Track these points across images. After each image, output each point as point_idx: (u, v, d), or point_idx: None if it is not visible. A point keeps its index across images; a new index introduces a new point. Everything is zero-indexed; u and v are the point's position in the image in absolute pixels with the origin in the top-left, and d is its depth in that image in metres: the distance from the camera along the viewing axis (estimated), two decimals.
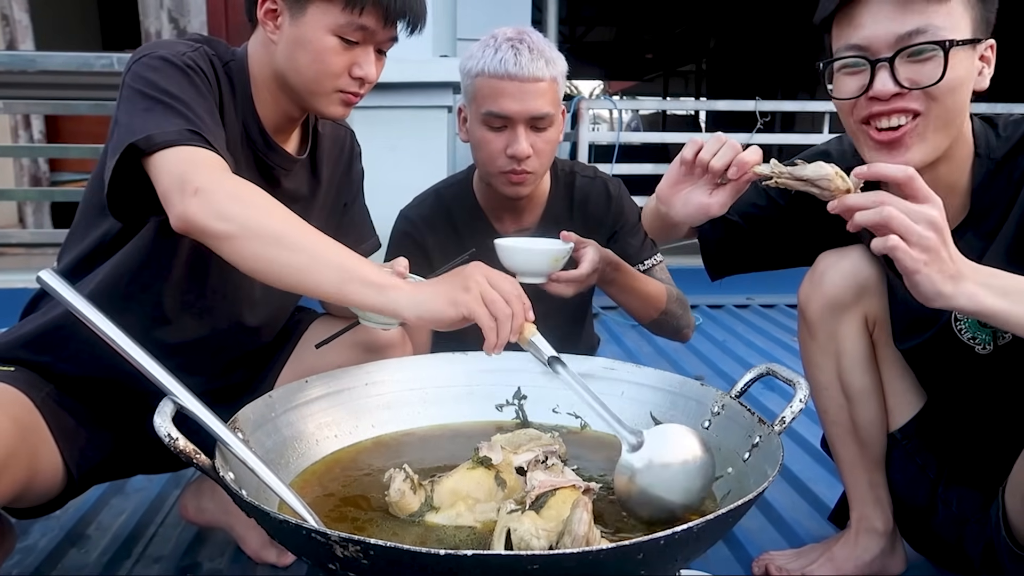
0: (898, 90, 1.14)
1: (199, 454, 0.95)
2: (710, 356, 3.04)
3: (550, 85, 1.64)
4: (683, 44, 14.71)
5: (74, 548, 1.62)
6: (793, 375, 1.19)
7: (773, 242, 1.48)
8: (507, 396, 1.44)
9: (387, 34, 1.31)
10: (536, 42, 1.63)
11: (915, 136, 1.17)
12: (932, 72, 1.13)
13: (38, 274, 1.02)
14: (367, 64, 1.31)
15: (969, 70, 1.16)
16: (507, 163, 1.65)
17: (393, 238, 1.85)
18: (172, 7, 4.38)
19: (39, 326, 1.34)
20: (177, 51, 1.24)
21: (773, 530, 1.74)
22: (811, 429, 2.09)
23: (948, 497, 1.40)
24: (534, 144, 1.65)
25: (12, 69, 3.35)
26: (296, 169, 1.43)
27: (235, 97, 1.33)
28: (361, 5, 1.25)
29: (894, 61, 1.14)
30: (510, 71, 1.60)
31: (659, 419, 1.34)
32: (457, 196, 1.85)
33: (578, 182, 1.85)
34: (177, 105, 1.16)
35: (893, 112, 1.16)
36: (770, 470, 1.02)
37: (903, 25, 1.13)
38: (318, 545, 0.85)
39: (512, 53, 1.60)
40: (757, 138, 4.49)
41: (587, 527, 0.93)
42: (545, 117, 1.64)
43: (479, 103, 1.65)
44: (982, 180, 1.22)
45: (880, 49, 1.15)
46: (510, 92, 1.61)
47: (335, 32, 1.26)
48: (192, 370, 1.18)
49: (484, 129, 1.66)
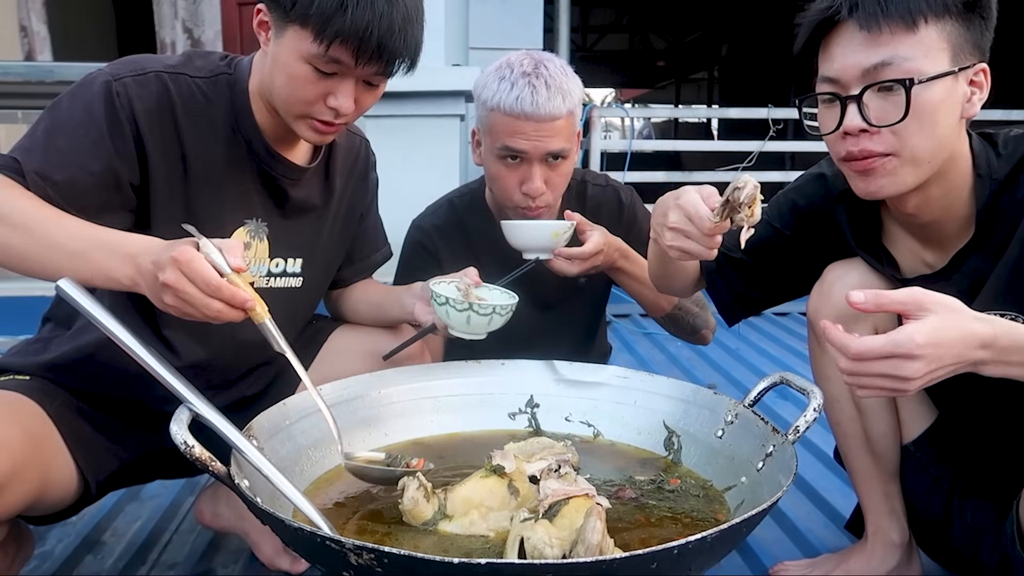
0: (866, 126, 1.14)
1: (214, 461, 0.96)
2: (723, 364, 3.02)
3: (566, 121, 1.61)
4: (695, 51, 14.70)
5: (90, 554, 1.63)
6: (807, 384, 1.19)
7: (784, 273, 1.46)
8: (520, 404, 1.45)
9: (368, 70, 1.22)
10: (553, 75, 1.59)
11: (885, 170, 1.17)
12: (896, 111, 1.12)
13: (57, 283, 1.03)
14: (343, 96, 1.23)
15: (947, 101, 1.13)
16: (522, 199, 1.64)
17: (406, 247, 1.86)
18: (187, 18, 4.43)
19: (68, 353, 1.33)
20: (117, 73, 1.23)
21: (788, 540, 1.72)
22: (825, 438, 2.07)
23: (963, 509, 1.39)
24: (548, 179, 1.63)
25: (31, 79, 3.39)
26: (306, 179, 1.43)
27: (231, 107, 1.32)
28: (328, 40, 1.17)
29: (862, 97, 1.13)
30: (526, 111, 1.56)
31: (672, 428, 1.34)
32: (470, 206, 1.85)
33: (590, 191, 1.85)
34: (46, 134, 1.19)
35: (863, 153, 1.16)
36: (784, 480, 1.02)
37: (869, 57, 1.13)
38: (332, 553, 0.85)
39: (529, 91, 1.56)
40: (770, 145, 4.49)
41: (600, 536, 0.93)
42: (560, 153, 1.62)
43: (494, 137, 1.63)
44: (986, 201, 1.20)
45: (850, 83, 1.15)
46: (525, 131, 1.58)
47: (307, 60, 1.20)
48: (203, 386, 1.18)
49: (499, 164, 1.65)
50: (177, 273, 1.00)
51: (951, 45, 1.12)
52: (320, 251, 1.49)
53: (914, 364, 0.97)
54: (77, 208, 1.16)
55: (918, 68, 1.11)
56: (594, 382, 1.44)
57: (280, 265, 1.43)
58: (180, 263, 1.00)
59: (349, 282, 1.64)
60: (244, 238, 1.37)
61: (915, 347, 0.96)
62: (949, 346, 0.98)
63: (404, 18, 1.20)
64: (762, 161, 4.50)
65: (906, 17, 1.11)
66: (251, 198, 1.37)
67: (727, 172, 4.47)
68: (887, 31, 1.11)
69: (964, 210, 1.22)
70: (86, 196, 1.19)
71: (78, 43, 5.48)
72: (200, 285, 1.00)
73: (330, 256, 1.53)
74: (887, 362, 0.98)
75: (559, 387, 1.45)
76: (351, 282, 1.65)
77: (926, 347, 0.97)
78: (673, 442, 1.34)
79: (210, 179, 1.31)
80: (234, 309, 1.03)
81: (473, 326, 1.36)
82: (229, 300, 1.02)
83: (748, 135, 4.61)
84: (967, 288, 1.21)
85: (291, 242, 1.43)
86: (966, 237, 1.23)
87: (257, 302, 1.06)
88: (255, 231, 1.38)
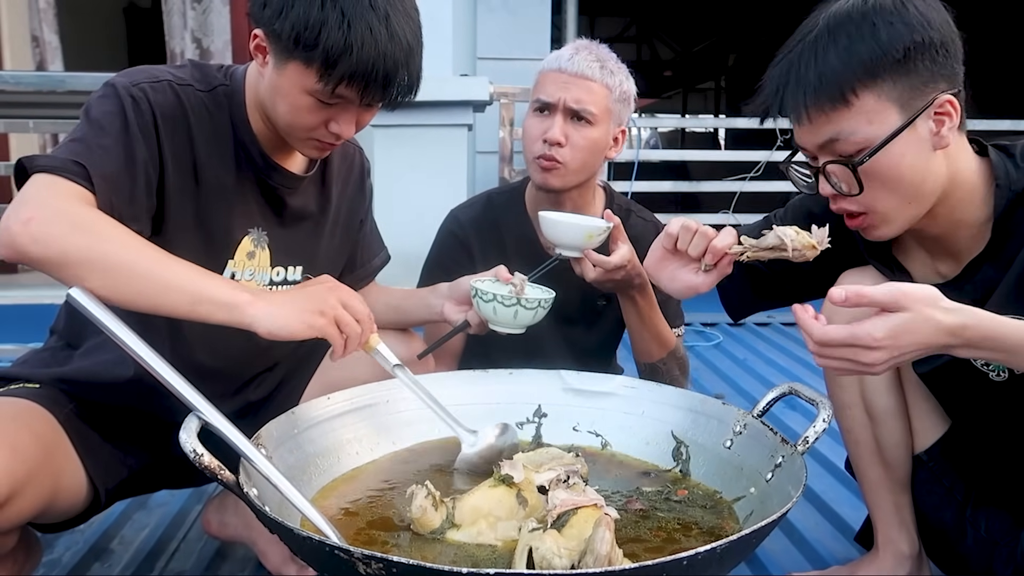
0: (835, 192, 1.18)
1: (223, 470, 0.96)
2: (730, 375, 3.01)
3: (599, 87, 1.68)
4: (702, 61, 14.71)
5: (98, 562, 1.63)
6: (816, 395, 1.18)
7: (792, 277, 1.46)
8: (527, 414, 1.45)
9: (371, 101, 1.25)
10: (601, 53, 1.71)
11: (872, 224, 1.20)
12: (854, 184, 1.15)
13: (69, 291, 1.04)
14: (344, 123, 1.26)
15: (908, 152, 1.14)
16: (541, 147, 1.69)
17: (439, 235, 1.89)
18: (196, 28, 4.46)
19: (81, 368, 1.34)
20: (134, 80, 1.24)
21: (796, 551, 1.71)
22: (834, 449, 2.06)
23: (976, 519, 1.38)
24: (570, 135, 1.68)
25: (42, 89, 3.41)
26: (303, 187, 1.44)
27: (230, 119, 1.33)
28: (336, 81, 1.18)
29: (825, 168, 1.17)
30: (562, 65, 1.68)
31: (680, 438, 1.34)
32: (508, 203, 1.87)
33: (632, 220, 1.84)
34: (91, 137, 1.18)
35: (843, 212, 1.21)
36: (794, 491, 1.01)
37: (817, 136, 1.16)
38: (341, 562, 0.85)
39: (571, 51, 1.69)
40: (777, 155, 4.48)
41: (609, 546, 0.92)
42: (584, 111, 1.67)
43: (534, 94, 1.73)
44: (1003, 211, 1.20)
45: (814, 153, 1.19)
46: (555, 80, 1.69)
47: (310, 94, 1.21)
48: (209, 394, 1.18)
49: (530, 118, 1.73)
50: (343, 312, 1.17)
51: (896, 99, 1.13)
52: (320, 258, 1.50)
53: (873, 354, 1.02)
54: (130, 216, 1.18)
55: (865, 138, 1.13)
56: (602, 392, 1.44)
57: (281, 273, 1.44)
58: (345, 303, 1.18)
59: (354, 289, 1.65)
60: (249, 247, 1.38)
61: (872, 340, 1.01)
62: (911, 336, 1.02)
63: (407, 52, 1.22)
64: (769, 171, 4.50)
65: (834, 98, 1.12)
66: (252, 207, 1.38)
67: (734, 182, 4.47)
68: (820, 117, 1.14)
69: (976, 220, 1.22)
70: (136, 201, 1.21)
71: (89, 53, 5.52)
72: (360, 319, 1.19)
73: (330, 263, 1.54)
74: (849, 349, 1.03)
75: (567, 397, 1.45)
76: (355, 288, 1.65)
77: (884, 340, 1.01)
78: (681, 452, 1.33)
79: (217, 188, 1.32)
80: None
81: (520, 320, 1.43)
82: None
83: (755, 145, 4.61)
84: (980, 297, 1.21)
85: (291, 250, 1.44)
86: (980, 246, 1.23)
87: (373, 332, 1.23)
88: (257, 240, 1.39)
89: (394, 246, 1.76)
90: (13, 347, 3.04)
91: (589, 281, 1.61)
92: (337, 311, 1.15)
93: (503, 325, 1.44)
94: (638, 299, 1.69)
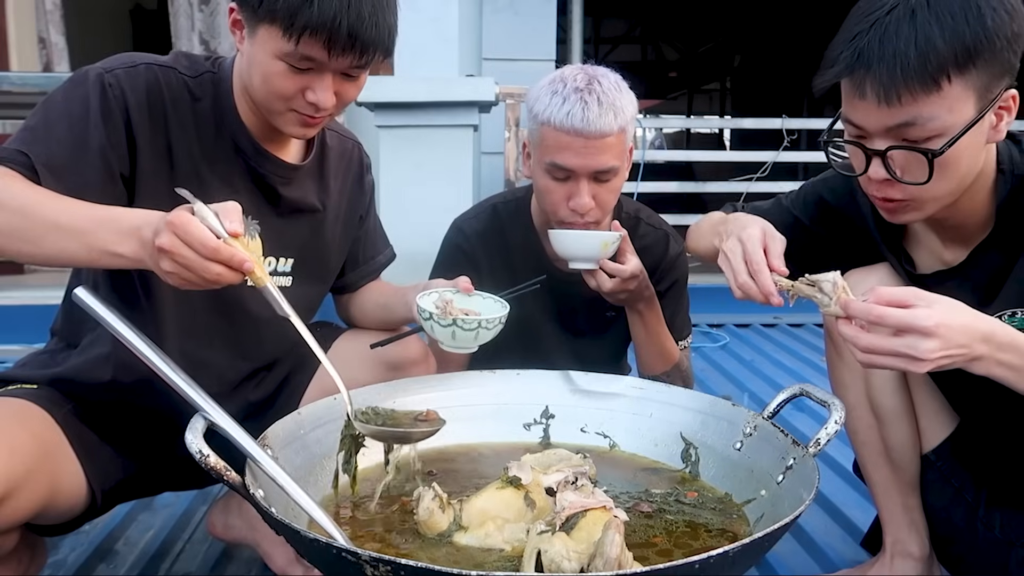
0: (890, 178, 1.12)
1: (229, 471, 0.95)
2: (738, 376, 3.00)
3: (617, 138, 1.57)
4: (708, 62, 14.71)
5: (103, 563, 1.63)
6: (828, 396, 1.17)
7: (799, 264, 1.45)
8: (535, 415, 1.44)
9: (343, 62, 1.21)
10: (606, 91, 1.55)
11: (908, 208, 1.17)
12: (919, 172, 1.10)
13: (74, 291, 1.04)
14: (321, 90, 1.22)
15: (972, 144, 1.11)
16: (569, 215, 1.60)
17: (444, 247, 1.85)
18: (203, 29, 4.47)
19: (76, 365, 1.34)
20: (109, 66, 1.25)
21: (805, 554, 1.70)
22: (843, 451, 2.05)
23: (990, 520, 1.36)
24: (597, 195, 1.59)
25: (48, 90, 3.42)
26: (298, 178, 1.42)
27: (217, 105, 1.32)
28: (297, 34, 1.16)
29: (886, 153, 1.11)
30: (576, 127, 1.52)
31: (689, 440, 1.33)
32: (513, 214, 1.83)
33: (642, 228, 1.80)
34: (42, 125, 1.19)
35: (885, 198, 1.17)
36: (805, 494, 1.00)
37: (892, 118, 1.09)
38: (348, 564, 0.84)
39: (580, 107, 1.53)
40: (783, 156, 4.47)
41: (619, 549, 0.91)
42: (610, 171, 1.58)
43: (543, 151, 1.59)
44: (1005, 197, 1.19)
45: (874, 135, 1.12)
46: (575, 148, 1.54)
47: (280, 58, 1.19)
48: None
49: (547, 178, 1.61)
50: (173, 237, 0.99)
51: (978, 88, 1.08)
52: (315, 253, 1.49)
53: (928, 341, 1.00)
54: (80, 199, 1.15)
55: (942, 126, 1.07)
56: (610, 393, 1.43)
57: (272, 264, 1.43)
58: (175, 227, 0.99)
59: (357, 286, 1.65)
60: None
61: (929, 321, 0.99)
62: (959, 317, 1.01)
63: (373, 4, 1.19)
64: (776, 171, 4.49)
65: (926, 81, 1.05)
66: (239, 196, 1.34)
67: (740, 182, 4.45)
68: (908, 97, 1.06)
69: (985, 206, 1.21)
70: (88, 188, 1.18)
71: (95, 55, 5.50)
72: (197, 248, 0.99)
73: (327, 258, 1.53)
74: (903, 341, 1.01)
75: (575, 398, 1.44)
76: (359, 286, 1.65)
77: (939, 327, 0.99)
78: (691, 454, 1.32)
79: (194, 173, 1.31)
80: (233, 271, 1.02)
81: (459, 340, 1.32)
82: (227, 261, 1.01)
83: (761, 146, 4.60)
84: (985, 283, 1.20)
85: (283, 241, 1.43)
86: (985, 232, 1.22)
87: (256, 264, 1.04)
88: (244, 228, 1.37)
89: (400, 247, 1.75)
90: (19, 348, 3.04)
91: (605, 292, 1.59)
92: (162, 238, 1.00)
93: (446, 344, 1.34)
94: (645, 313, 1.68)
